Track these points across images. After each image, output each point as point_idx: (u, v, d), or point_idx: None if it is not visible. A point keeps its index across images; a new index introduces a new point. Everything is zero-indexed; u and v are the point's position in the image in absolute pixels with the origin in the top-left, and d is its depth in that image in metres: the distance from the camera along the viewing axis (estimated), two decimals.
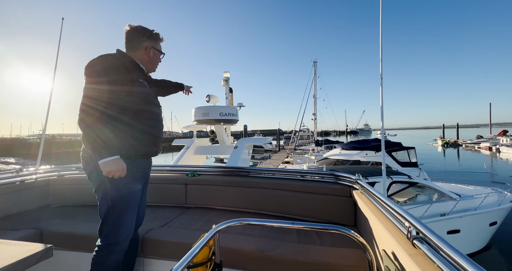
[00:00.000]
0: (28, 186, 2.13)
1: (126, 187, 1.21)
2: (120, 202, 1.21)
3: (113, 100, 1.16)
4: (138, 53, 1.33)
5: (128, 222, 1.24)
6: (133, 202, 1.26)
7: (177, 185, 2.22)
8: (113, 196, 1.20)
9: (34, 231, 1.62)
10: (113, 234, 1.21)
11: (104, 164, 1.11)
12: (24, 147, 34.34)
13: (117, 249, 1.23)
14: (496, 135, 34.86)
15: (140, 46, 1.32)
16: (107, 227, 1.21)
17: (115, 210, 1.21)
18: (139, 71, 1.31)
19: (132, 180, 1.24)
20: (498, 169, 16.61)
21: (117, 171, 1.12)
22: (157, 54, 1.39)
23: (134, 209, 1.27)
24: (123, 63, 1.20)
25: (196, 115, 4.05)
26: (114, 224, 1.21)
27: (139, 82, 1.25)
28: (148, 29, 1.35)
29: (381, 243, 1.03)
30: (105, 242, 1.22)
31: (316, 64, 26.47)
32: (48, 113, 2.62)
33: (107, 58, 1.17)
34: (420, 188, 5.66)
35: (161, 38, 1.40)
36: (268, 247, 1.34)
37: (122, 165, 1.14)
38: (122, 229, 1.22)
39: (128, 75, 1.20)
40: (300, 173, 2.06)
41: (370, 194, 1.37)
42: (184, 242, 1.41)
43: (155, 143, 1.34)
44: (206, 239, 0.96)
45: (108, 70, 1.15)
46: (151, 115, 1.31)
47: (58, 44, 2.62)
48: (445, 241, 0.67)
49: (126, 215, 1.23)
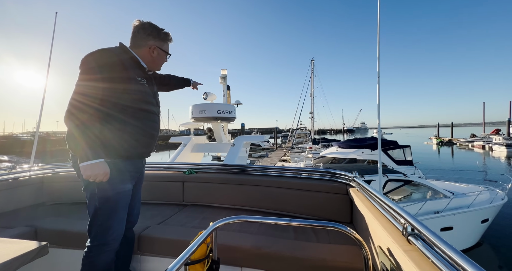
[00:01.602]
0: (21, 183, 2.10)
1: (114, 188, 1.17)
2: (108, 203, 1.17)
3: (106, 97, 1.11)
4: (141, 51, 1.26)
5: (117, 223, 1.20)
6: (122, 203, 1.22)
7: (174, 182, 2.21)
8: (100, 197, 1.15)
9: (28, 228, 1.60)
10: (101, 235, 1.18)
11: (84, 168, 1.05)
12: (18, 145, 33.78)
13: (107, 250, 1.19)
14: (489, 134, 35.47)
15: (144, 44, 1.25)
16: (96, 228, 1.18)
17: (103, 211, 1.17)
18: (139, 69, 1.25)
19: (120, 180, 1.19)
20: (491, 167, 16.94)
21: (97, 175, 1.07)
22: (161, 54, 1.32)
23: (123, 210, 1.23)
24: (120, 59, 1.15)
25: (194, 113, 4.03)
26: (102, 225, 1.17)
27: (136, 80, 1.20)
28: (157, 28, 1.28)
29: (377, 240, 1.05)
30: (94, 242, 1.18)
31: (314, 63, 26.51)
32: (42, 110, 2.58)
33: (104, 53, 1.12)
34: (415, 186, 5.74)
35: (170, 38, 1.34)
36: (265, 244, 1.35)
37: (104, 169, 1.08)
38: (111, 230, 1.19)
39: (124, 73, 1.15)
40: (297, 171, 2.07)
41: (366, 191, 1.38)
42: (181, 239, 1.41)
43: (148, 144, 1.29)
44: (204, 236, 0.96)
45: (104, 66, 1.10)
46: (146, 115, 1.25)
47: (52, 38, 2.56)
48: (439, 237, 0.68)
49: (115, 216, 1.19)
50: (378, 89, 2.22)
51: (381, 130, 25.08)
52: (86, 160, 1.05)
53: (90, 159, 1.06)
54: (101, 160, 1.09)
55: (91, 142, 1.07)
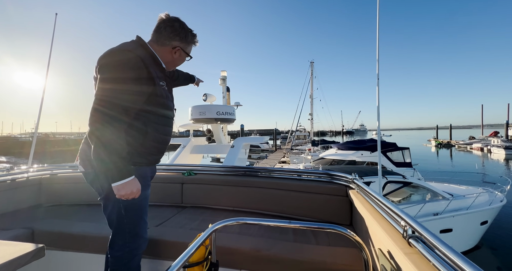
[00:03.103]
0: (19, 184, 2.08)
1: (140, 194, 1.13)
2: (134, 211, 1.15)
3: (129, 104, 1.01)
4: (163, 50, 1.16)
5: (144, 227, 1.22)
6: (146, 208, 1.23)
7: (173, 184, 2.20)
8: (126, 205, 1.13)
9: (25, 230, 1.58)
10: (133, 241, 1.18)
11: (118, 188, 1.00)
12: (16, 145, 33.63)
13: (139, 253, 1.22)
14: (488, 136, 35.62)
15: (168, 43, 1.15)
16: (124, 236, 1.16)
17: (130, 219, 1.15)
18: (157, 67, 1.14)
19: (144, 186, 1.16)
20: (489, 169, 16.99)
21: (131, 194, 1.02)
22: (183, 56, 1.23)
23: (146, 214, 1.24)
24: (141, 59, 1.03)
25: (193, 114, 4.03)
26: (131, 233, 1.17)
27: (159, 84, 1.11)
28: (186, 29, 1.17)
29: (377, 242, 1.04)
30: (126, 249, 1.17)
31: (313, 65, 26.62)
32: (41, 111, 2.57)
33: (123, 53, 1.01)
34: (414, 188, 5.74)
35: (196, 41, 1.24)
36: (265, 246, 1.34)
37: (137, 186, 1.04)
38: (140, 235, 1.20)
39: (146, 74, 1.04)
40: (297, 172, 2.06)
41: (366, 193, 1.38)
42: (180, 241, 1.40)
43: (164, 149, 1.27)
44: (203, 239, 0.95)
45: (127, 70, 1.00)
46: (165, 121, 1.21)
47: (51, 39, 2.56)
48: (440, 239, 0.68)
49: (141, 221, 1.20)
50: (378, 91, 2.22)
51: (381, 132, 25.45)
52: (119, 180, 0.99)
53: (123, 177, 0.99)
54: (133, 177, 1.03)
55: (120, 158, 0.98)
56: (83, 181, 1.21)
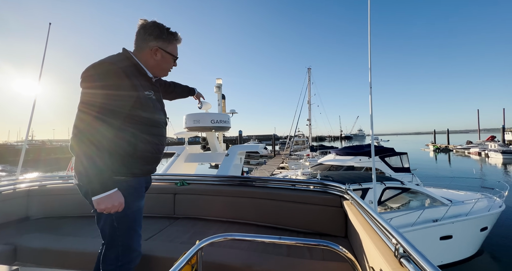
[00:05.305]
0: (5, 197, 2.02)
1: (130, 206, 1.11)
2: (127, 223, 1.12)
3: (108, 115, 0.99)
4: (143, 55, 1.13)
5: (137, 240, 1.18)
6: (139, 220, 1.19)
7: (165, 194, 2.15)
8: (118, 217, 1.09)
9: (7, 247, 1.52)
10: (126, 255, 1.14)
11: (98, 202, 0.97)
12: (12, 153, 33.22)
13: (131, 267, 1.17)
14: (485, 140, 35.85)
15: (145, 46, 1.11)
16: (117, 250, 1.13)
17: (122, 231, 1.12)
18: (142, 77, 1.12)
19: (137, 197, 1.15)
20: (487, 174, 17.00)
21: (112, 208, 0.99)
22: (166, 57, 1.16)
23: (140, 226, 1.20)
24: (122, 70, 1.01)
25: (187, 122, 4.00)
26: (124, 245, 1.13)
27: (143, 94, 1.09)
28: (160, 27, 1.12)
29: (370, 258, 1.01)
30: (118, 263, 1.12)
31: (310, 71, 26.96)
32: (31, 119, 2.53)
33: (102, 65, 1.00)
34: (412, 194, 5.70)
35: (177, 39, 1.18)
36: (256, 261, 1.29)
37: (119, 200, 1.01)
38: (133, 248, 1.16)
39: (127, 83, 1.02)
40: (291, 182, 2.03)
41: (359, 205, 1.35)
42: (168, 257, 1.35)
43: (158, 159, 1.24)
44: (188, 258, 0.91)
45: (107, 81, 0.98)
46: (154, 130, 1.18)
47: (44, 49, 2.55)
48: (430, 262, 0.65)
49: (135, 233, 1.16)
50: (371, 99, 2.23)
51: (378, 137, 25.46)
52: (98, 193, 0.96)
53: (104, 190, 0.97)
54: (115, 190, 1.00)
55: (99, 170, 0.96)
56: (73, 192, 1.18)
